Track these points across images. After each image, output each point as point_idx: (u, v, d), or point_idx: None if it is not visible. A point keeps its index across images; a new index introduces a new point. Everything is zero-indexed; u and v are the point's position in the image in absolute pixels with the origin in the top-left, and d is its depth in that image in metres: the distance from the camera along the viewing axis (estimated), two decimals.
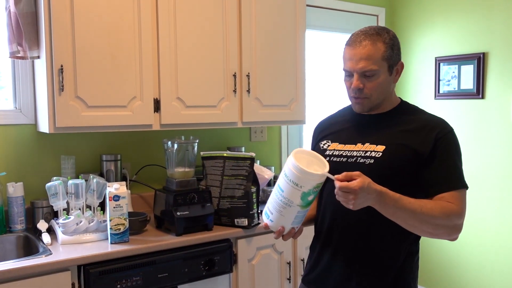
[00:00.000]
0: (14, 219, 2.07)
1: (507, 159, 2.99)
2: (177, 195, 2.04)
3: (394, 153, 1.41)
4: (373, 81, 1.43)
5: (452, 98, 3.27)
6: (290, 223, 1.41)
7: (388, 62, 1.43)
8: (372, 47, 1.41)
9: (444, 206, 1.35)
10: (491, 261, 3.11)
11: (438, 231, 1.37)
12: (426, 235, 1.38)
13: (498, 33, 3.00)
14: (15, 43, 2.03)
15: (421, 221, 1.33)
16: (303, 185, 1.32)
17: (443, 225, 1.35)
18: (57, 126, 1.95)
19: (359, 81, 1.44)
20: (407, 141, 1.42)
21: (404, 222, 1.35)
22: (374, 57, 1.41)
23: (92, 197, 2.06)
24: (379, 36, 1.42)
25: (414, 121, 1.47)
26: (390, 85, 1.48)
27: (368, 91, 1.45)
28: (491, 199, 3.10)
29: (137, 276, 1.86)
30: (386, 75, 1.44)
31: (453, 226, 1.37)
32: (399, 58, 1.48)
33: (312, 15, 3.15)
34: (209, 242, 2.06)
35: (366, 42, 1.42)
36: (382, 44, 1.42)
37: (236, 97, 2.40)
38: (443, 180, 1.39)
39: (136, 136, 2.51)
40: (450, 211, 1.35)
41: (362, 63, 1.41)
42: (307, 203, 1.37)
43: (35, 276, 1.68)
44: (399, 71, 1.49)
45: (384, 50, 1.42)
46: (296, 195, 1.33)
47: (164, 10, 2.16)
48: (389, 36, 1.44)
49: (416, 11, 3.50)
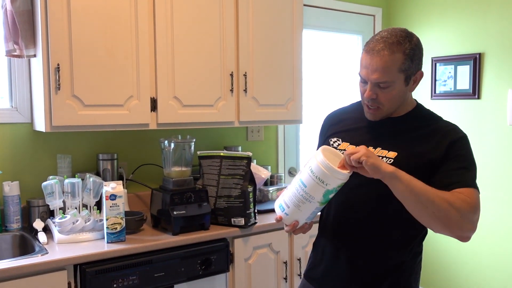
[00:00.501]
0: (10, 218, 2.06)
1: (502, 159, 3.00)
2: (174, 194, 2.04)
3: (406, 161, 1.37)
4: (387, 93, 1.39)
5: (448, 98, 3.29)
6: (305, 218, 1.41)
7: (405, 74, 1.37)
8: (389, 58, 1.34)
9: (459, 195, 1.29)
10: (489, 261, 3.12)
11: (450, 219, 1.26)
12: (436, 224, 1.28)
13: (494, 34, 3.01)
14: (11, 42, 2.02)
15: (435, 202, 1.25)
16: (329, 182, 1.32)
17: (457, 211, 1.25)
18: (54, 125, 1.95)
19: (372, 92, 1.40)
20: (419, 148, 1.39)
21: (415, 198, 1.26)
22: (390, 69, 1.35)
23: (88, 196, 2.06)
24: (399, 45, 1.34)
25: (427, 127, 1.43)
26: (405, 95, 1.43)
27: (381, 100, 1.41)
28: (487, 199, 3.09)
29: (134, 276, 1.86)
30: (401, 87, 1.39)
31: (466, 217, 1.27)
32: (419, 67, 1.41)
33: (309, 15, 3.15)
34: (206, 241, 2.05)
35: (385, 52, 1.34)
36: (402, 55, 1.34)
37: (233, 97, 2.40)
38: (456, 180, 1.34)
39: (133, 135, 2.50)
40: (463, 200, 1.28)
41: (377, 74, 1.36)
42: (327, 200, 1.38)
43: (31, 276, 1.67)
44: (418, 80, 1.43)
45: (402, 62, 1.35)
46: (319, 191, 1.34)
47: (161, 9, 2.16)
48: (411, 45, 1.36)
49: (412, 11, 3.51)
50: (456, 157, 1.37)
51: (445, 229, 1.29)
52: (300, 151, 3.23)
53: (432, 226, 1.31)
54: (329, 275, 1.53)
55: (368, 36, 3.61)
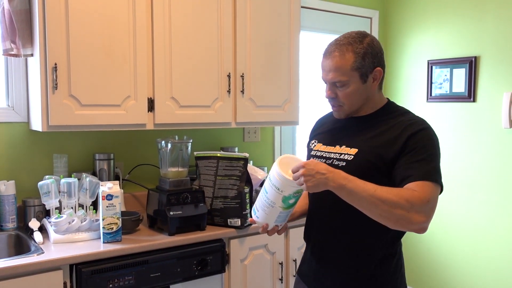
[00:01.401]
0: (5, 218, 2.06)
1: (497, 162, 3.02)
2: (170, 194, 2.04)
3: (366, 156, 1.43)
4: (344, 91, 1.46)
5: (444, 101, 3.30)
6: (273, 221, 1.51)
7: (359, 72, 1.44)
8: (340, 58, 1.43)
9: (403, 191, 1.32)
10: (482, 263, 3.14)
11: (394, 215, 1.29)
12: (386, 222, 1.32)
13: (490, 37, 3.03)
14: (9, 41, 2.02)
15: (375, 202, 1.29)
16: (283, 190, 1.41)
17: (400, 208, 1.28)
18: (50, 125, 1.94)
19: (330, 91, 1.49)
20: (379, 144, 1.43)
21: (360, 204, 1.32)
22: (342, 68, 1.43)
23: (84, 196, 2.06)
24: (350, 46, 1.43)
25: (391, 123, 1.46)
26: (365, 92, 1.48)
27: (341, 99, 1.48)
28: (481, 202, 3.13)
29: (130, 276, 1.86)
30: (358, 84, 1.45)
31: (415, 210, 1.28)
32: (375, 65, 1.46)
33: (306, 17, 3.16)
34: (202, 242, 2.06)
35: (336, 53, 1.44)
36: (352, 55, 1.43)
37: (230, 98, 2.40)
38: (412, 172, 1.35)
39: (129, 135, 2.50)
40: (410, 196, 1.29)
41: (331, 74, 1.45)
42: (289, 205, 1.46)
43: (27, 275, 1.67)
44: (378, 77, 1.48)
45: (353, 61, 1.43)
46: (278, 198, 1.43)
47: (159, 9, 2.16)
48: (362, 45, 1.43)
49: (409, 14, 3.52)
50: (414, 150, 1.38)
51: (396, 226, 1.33)
52: (297, 153, 3.23)
53: (385, 224, 1.34)
54: (309, 273, 1.61)
55: None
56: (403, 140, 1.39)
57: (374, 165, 1.40)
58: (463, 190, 3.22)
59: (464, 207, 3.23)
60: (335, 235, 1.51)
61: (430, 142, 1.41)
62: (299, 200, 1.49)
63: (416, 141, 1.39)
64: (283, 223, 1.54)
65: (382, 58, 1.49)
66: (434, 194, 1.34)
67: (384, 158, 1.40)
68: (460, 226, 3.26)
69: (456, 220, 3.28)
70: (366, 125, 1.50)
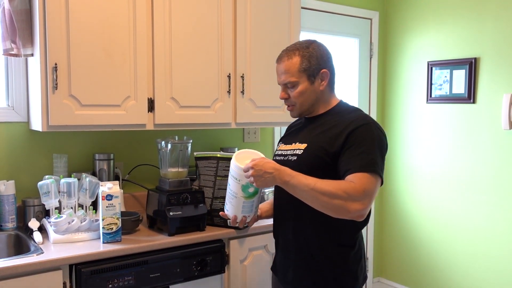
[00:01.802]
0: (5, 218, 2.06)
1: (497, 163, 3.02)
2: (170, 195, 2.04)
3: (312, 151, 1.59)
4: (294, 91, 1.64)
5: (443, 102, 3.31)
6: (240, 212, 1.67)
7: (306, 73, 1.61)
8: (288, 62, 1.63)
9: (342, 183, 1.46)
10: (482, 264, 3.14)
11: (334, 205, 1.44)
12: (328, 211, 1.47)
13: (489, 38, 3.03)
14: (9, 41, 2.02)
15: (316, 195, 1.45)
16: (241, 179, 1.59)
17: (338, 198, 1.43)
18: (50, 125, 1.94)
19: (283, 92, 1.68)
20: (324, 140, 1.57)
21: (303, 197, 1.49)
22: (291, 70, 1.62)
23: (84, 196, 2.06)
24: (297, 51, 1.62)
25: (338, 121, 1.60)
26: (313, 92, 1.64)
27: (292, 99, 1.66)
28: (481, 203, 3.13)
29: (129, 276, 1.86)
30: (306, 84, 1.62)
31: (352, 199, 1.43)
32: (321, 67, 1.62)
33: (306, 18, 3.16)
34: (202, 242, 2.06)
35: (285, 58, 1.64)
36: (299, 58, 1.61)
37: (230, 98, 2.40)
38: (351, 165, 1.49)
39: (129, 135, 2.50)
40: (347, 187, 1.44)
41: (283, 77, 1.65)
42: (249, 194, 1.63)
43: (26, 275, 1.67)
44: (325, 78, 1.64)
45: (300, 63, 1.61)
46: (238, 188, 1.61)
47: (160, 9, 2.16)
48: (308, 49, 1.62)
49: (409, 15, 3.53)
50: (354, 144, 1.51)
51: (337, 215, 1.48)
52: None
53: (328, 214, 1.49)
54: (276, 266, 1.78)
55: (365, 39, 3.63)
56: (345, 135, 1.53)
57: (321, 159, 1.55)
58: (463, 191, 3.22)
59: (464, 208, 3.23)
60: (295, 229, 1.64)
61: (369, 136, 1.53)
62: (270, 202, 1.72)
63: (356, 136, 1.52)
64: (250, 214, 1.69)
65: (329, 61, 1.65)
66: (370, 184, 1.46)
67: (328, 152, 1.54)
68: (459, 227, 3.26)
69: (456, 221, 3.28)
70: (317, 123, 1.66)
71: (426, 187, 3.46)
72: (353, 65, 3.61)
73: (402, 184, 3.63)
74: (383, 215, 3.81)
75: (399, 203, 3.67)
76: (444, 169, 3.33)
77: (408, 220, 3.60)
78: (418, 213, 3.52)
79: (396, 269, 3.73)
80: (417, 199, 3.53)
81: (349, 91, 3.61)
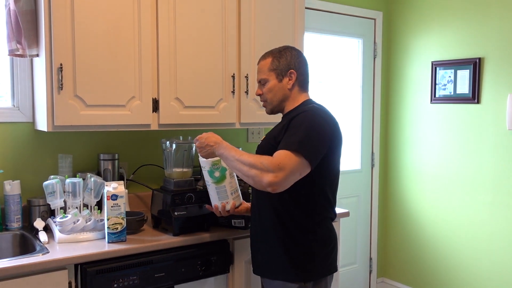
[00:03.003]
0: (10, 217, 2.07)
1: (500, 164, 3.01)
2: (175, 195, 2.05)
3: (267, 140, 1.81)
4: (265, 88, 1.85)
5: (447, 103, 3.30)
6: (217, 199, 1.91)
7: (275, 72, 1.82)
8: (262, 61, 1.87)
9: (263, 156, 1.66)
10: (486, 265, 3.13)
11: (251, 175, 1.63)
12: (248, 180, 1.67)
13: (493, 39, 3.03)
14: (14, 41, 2.03)
15: (238, 165, 1.67)
16: (204, 166, 1.87)
17: (255, 168, 1.61)
18: (56, 125, 1.95)
19: (258, 89, 1.90)
20: (277, 130, 1.77)
21: (232, 166, 1.73)
22: (263, 69, 1.85)
23: (89, 196, 2.06)
24: (270, 53, 1.86)
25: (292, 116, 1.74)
26: (281, 90, 1.83)
27: (265, 96, 1.87)
28: (485, 203, 3.12)
29: (134, 276, 1.86)
30: (275, 82, 1.83)
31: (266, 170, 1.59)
32: (289, 67, 1.82)
33: (310, 18, 3.16)
34: (206, 242, 2.06)
35: (261, 59, 1.89)
36: (270, 59, 1.84)
37: (234, 98, 2.41)
38: (280, 146, 1.66)
39: (134, 135, 2.51)
40: (265, 159, 1.62)
41: (258, 75, 1.89)
42: (217, 179, 1.87)
43: (32, 275, 1.67)
44: (293, 78, 1.82)
45: (271, 63, 1.83)
46: (206, 175, 1.88)
47: (164, 10, 2.17)
48: (279, 52, 1.84)
49: (413, 15, 3.52)
50: (289, 130, 1.69)
51: (255, 185, 1.65)
52: None
53: (249, 184, 1.70)
54: (252, 249, 1.91)
55: (369, 40, 3.63)
56: (287, 124, 1.71)
57: (272, 146, 1.73)
58: (467, 191, 3.21)
59: (467, 208, 3.22)
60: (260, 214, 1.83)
61: (302, 121, 1.69)
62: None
63: (293, 123, 1.70)
64: (228, 200, 1.90)
65: (299, 64, 1.84)
66: (287, 159, 1.60)
67: (277, 140, 1.72)
68: (463, 227, 3.26)
69: (460, 221, 3.27)
70: (283, 119, 1.84)
71: (430, 187, 3.45)
72: (357, 65, 3.61)
73: (406, 184, 3.63)
74: (386, 215, 3.81)
75: (402, 203, 3.67)
76: (448, 169, 3.32)
77: (412, 220, 3.60)
78: (422, 213, 3.52)
79: (400, 270, 3.73)
80: (421, 199, 3.52)
81: (353, 92, 3.61)
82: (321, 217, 1.80)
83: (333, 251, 1.85)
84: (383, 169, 3.79)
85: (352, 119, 3.61)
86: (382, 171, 3.79)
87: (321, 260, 1.79)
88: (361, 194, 3.71)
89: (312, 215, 1.77)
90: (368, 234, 3.78)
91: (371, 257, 3.80)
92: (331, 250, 1.83)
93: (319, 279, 1.80)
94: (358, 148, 3.66)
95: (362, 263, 3.76)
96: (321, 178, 1.75)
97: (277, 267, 1.78)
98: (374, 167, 3.74)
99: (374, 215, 3.78)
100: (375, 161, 3.74)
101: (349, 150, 3.60)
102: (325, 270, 1.81)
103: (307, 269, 1.76)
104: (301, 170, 1.62)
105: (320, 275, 1.79)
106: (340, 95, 3.54)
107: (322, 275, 1.80)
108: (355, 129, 3.64)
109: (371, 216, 3.77)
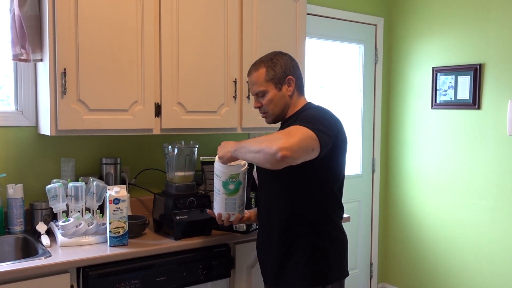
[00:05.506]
0: (13, 221, 2.08)
1: (501, 169, 3.02)
2: (177, 199, 2.06)
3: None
4: (265, 100, 1.78)
5: (448, 108, 3.31)
6: (224, 209, 1.83)
7: (273, 82, 1.76)
8: (256, 73, 1.78)
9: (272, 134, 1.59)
10: (486, 270, 3.13)
11: (261, 147, 1.53)
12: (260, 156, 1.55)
13: (494, 45, 3.04)
14: (19, 46, 2.04)
15: (252, 145, 1.58)
16: (220, 175, 1.77)
17: (267, 141, 1.53)
18: (59, 129, 1.97)
19: (256, 102, 1.83)
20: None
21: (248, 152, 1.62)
22: (259, 81, 1.77)
23: (91, 200, 2.07)
24: (262, 63, 1.78)
25: (295, 118, 1.71)
26: (282, 99, 1.78)
27: (265, 107, 1.80)
28: (485, 209, 3.13)
29: (136, 279, 1.87)
30: (274, 91, 1.77)
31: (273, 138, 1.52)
32: (287, 74, 1.76)
33: (311, 24, 3.18)
34: (208, 246, 2.07)
35: (252, 71, 1.80)
36: (264, 69, 1.76)
37: (236, 103, 2.42)
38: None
39: (136, 140, 2.52)
40: (276, 133, 1.57)
41: (254, 88, 1.80)
42: (230, 191, 1.78)
43: (34, 278, 1.68)
44: (292, 84, 1.77)
45: (266, 73, 1.76)
46: (219, 184, 1.79)
47: (167, 15, 2.19)
48: (272, 60, 1.77)
49: (414, 21, 3.54)
50: (296, 122, 1.61)
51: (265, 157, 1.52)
52: None
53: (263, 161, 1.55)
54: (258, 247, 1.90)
55: (370, 45, 3.65)
56: (292, 124, 1.63)
57: None
58: (468, 197, 3.22)
59: (468, 213, 3.23)
60: (269, 221, 1.79)
61: (310, 113, 1.67)
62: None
63: (300, 117, 1.66)
64: (234, 212, 1.83)
65: (293, 68, 1.78)
66: (297, 130, 1.53)
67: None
68: (464, 232, 3.26)
69: (460, 227, 3.27)
70: (285, 124, 1.78)
71: (430, 192, 3.46)
72: (358, 71, 3.63)
73: (407, 189, 3.63)
74: (387, 220, 3.81)
75: (403, 208, 3.67)
76: (448, 175, 3.33)
77: (413, 225, 3.60)
78: (423, 219, 3.52)
79: (400, 275, 3.72)
80: (422, 205, 3.52)
81: (354, 97, 3.63)
82: (333, 217, 1.77)
83: (347, 253, 1.83)
84: (384, 174, 3.80)
85: (353, 124, 3.62)
86: (383, 176, 3.80)
87: (337, 262, 1.77)
88: (362, 199, 3.71)
89: (325, 217, 1.75)
90: (369, 239, 3.78)
91: (372, 262, 3.80)
92: (345, 251, 1.81)
93: (335, 282, 1.77)
94: (359, 153, 3.67)
95: (363, 268, 3.76)
96: (329, 178, 1.74)
97: (291, 273, 1.73)
98: (375, 172, 3.75)
99: (375, 220, 3.78)
100: (376, 166, 3.75)
101: (350, 155, 3.61)
102: (341, 273, 1.79)
103: (324, 273, 1.73)
104: (312, 145, 1.52)
105: (336, 278, 1.77)
106: (341, 100, 3.55)
107: (337, 278, 1.78)
108: (356, 134, 3.65)
109: (372, 221, 3.78)
